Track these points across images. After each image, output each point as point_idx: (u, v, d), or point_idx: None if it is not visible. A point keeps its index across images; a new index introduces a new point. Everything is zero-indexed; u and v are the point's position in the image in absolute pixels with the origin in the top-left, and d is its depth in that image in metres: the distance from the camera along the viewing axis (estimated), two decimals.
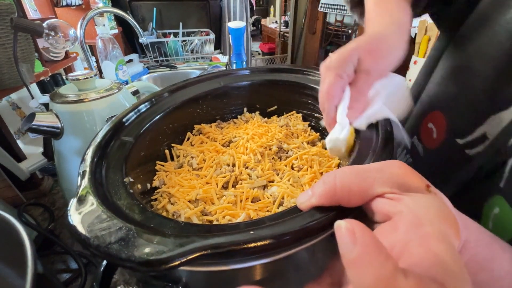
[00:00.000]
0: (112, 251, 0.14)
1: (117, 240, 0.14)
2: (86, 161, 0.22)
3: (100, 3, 1.24)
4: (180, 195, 0.26)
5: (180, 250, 0.14)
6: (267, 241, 0.14)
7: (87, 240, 0.14)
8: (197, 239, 0.14)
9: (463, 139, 0.27)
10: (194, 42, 1.21)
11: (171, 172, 0.30)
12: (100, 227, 0.15)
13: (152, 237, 0.15)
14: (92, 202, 0.17)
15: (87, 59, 0.75)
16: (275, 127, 0.37)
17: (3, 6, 0.49)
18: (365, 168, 0.15)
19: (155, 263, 0.13)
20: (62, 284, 0.41)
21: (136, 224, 0.16)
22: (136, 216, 0.17)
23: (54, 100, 0.42)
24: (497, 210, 0.23)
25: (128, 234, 0.15)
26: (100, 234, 0.14)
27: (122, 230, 0.15)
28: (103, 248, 0.14)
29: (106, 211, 0.16)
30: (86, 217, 0.16)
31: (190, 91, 0.37)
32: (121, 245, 0.14)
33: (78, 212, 0.16)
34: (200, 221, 0.23)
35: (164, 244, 0.14)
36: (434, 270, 0.11)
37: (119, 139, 0.26)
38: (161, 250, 0.14)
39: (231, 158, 0.31)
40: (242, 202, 0.26)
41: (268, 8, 4.21)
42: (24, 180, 0.53)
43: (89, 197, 0.18)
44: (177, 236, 0.15)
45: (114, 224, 0.15)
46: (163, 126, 0.33)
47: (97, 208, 0.17)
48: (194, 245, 0.14)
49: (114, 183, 0.21)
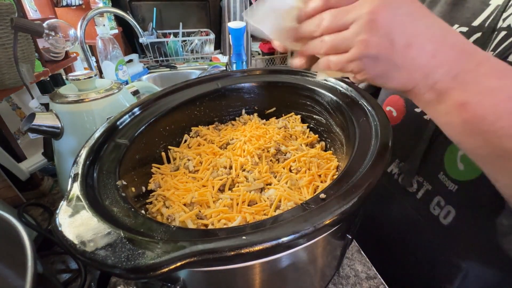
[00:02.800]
0: (98, 257, 0.13)
1: (104, 246, 0.14)
2: (79, 164, 0.21)
3: (100, 3, 1.24)
4: (175, 198, 0.26)
5: (168, 257, 0.13)
6: (258, 247, 0.14)
7: (73, 245, 0.14)
8: (186, 244, 0.14)
9: (420, 108, 0.34)
10: (194, 42, 1.20)
11: (167, 175, 0.30)
12: (87, 232, 0.14)
13: (141, 242, 0.14)
14: (82, 205, 0.17)
15: (87, 59, 0.75)
16: (273, 129, 0.37)
17: (3, 6, 0.49)
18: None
19: (143, 270, 0.13)
20: (62, 284, 0.41)
21: (125, 229, 0.15)
22: (126, 220, 0.17)
23: (54, 100, 0.42)
24: (462, 152, 0.28)
25: (116, 240, 0.14)
26: (87, 239, 0.14)
27: (111, 235, 0.15)
28: (89, 254, 0.13)
29: (95, 215, 0.16)
30: (74, 222, 0.15)
31: (187, 93, 0.37)
32: (107, 251, 0.13)
33: (67, 216, 0.16)
34: (195, 225, 0.23)
35: (152, 250, 0.14)
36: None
37: (114, 141, 0.26)
38: (150, 256, 0.13)
39: (228, 160, 0.31)
40: (239, 205, 0.25)
41: None
42: (24, 180, 0.53)
43: (79, 200, 0.17)
44: (166, 242, 0.15)
45: (103, 229, 0.15)
46: (160, 128, 0.33)
47: (86, 212, 0.16)
48: (183, 251, 0.14)
49: (107, 187, 0.20)
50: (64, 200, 0.17)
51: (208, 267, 0.15)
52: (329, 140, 0.36)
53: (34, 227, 0.45)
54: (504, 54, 0.25)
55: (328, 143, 0.36)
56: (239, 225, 0.19)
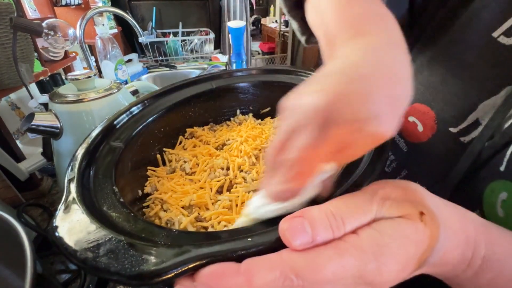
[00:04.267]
0: (100, 265, 0.13)
1: (106, 253, 0.13)
2: (74, 168, 0.21)
3: (100, 2, 1.24)
4: (173, 201, 0.25)
5: (174, 261, 0.13)
6: (266, 247, 0.14)
7: (74, 253, 0.14)
8: (191, 248, 0.14)
9: (456, 128, 0.26)
10: (194, 42, 1.20)
11: (163, 177, 0.29)
12: (88, 238, 0.14)
13: (144, 248, 0.14)
14: (80, 212, 0.16)
15: (86, 58, 0.75)
16: (269, 129, 0.37)
17: (3, 6, 0.49)
18: (365, 200, 0.15)
19: (148, 276, 0.12)
20: (61, 284, 0.42)
21: (126, 235, 0.15)
22: (126, 225, 0.17)
23: (54, 100, 0.42)
24: (505, 195, 0.21)
25: (118, 246, 0.14)
26: (87, 246, 0.14)
27: (112, 241, 0.14)
28: (90, 262, 0.13)
29: (94, 221, 0.16)
30: (73, 228, 0.15)
31: (181, 94, 0.36)
32: (110, 258, 0.13)
33: (65, 222, 0.16)
34: (194, 228, 0.23)
35: (156, 255, 0.13)
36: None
37: (108, 144, 0.26)
38: (154, 262, 0.13)
39: (225, 161, 0.31)
40: (238, 206, 0.25)
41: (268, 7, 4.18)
42: (23, 180, 0.53)
43: (76, 206, 0.17)
44: (170, 246, 0.14)
45: (103, 235, 0.15)
46: (154, 130, 0.32)
47: (85, 218, 0.16)
48: (188, 255, 0.13)
49: (103, 191, 0.20)
50: (61, 206, 0.17)
51: None
52: None
53: (34, 227, 0.45)
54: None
55: None
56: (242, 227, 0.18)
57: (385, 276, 0.13)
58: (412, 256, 0.14)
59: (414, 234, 0.14)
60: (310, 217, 0.14)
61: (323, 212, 0.14)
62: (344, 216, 0.14)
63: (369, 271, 0.13)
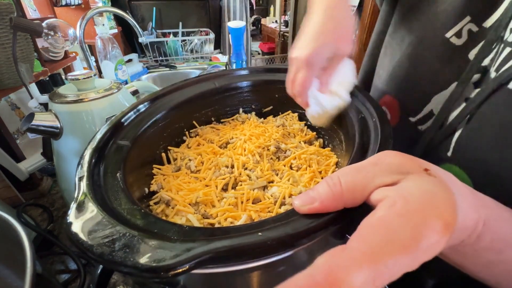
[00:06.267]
0: (117, 259, 0.13)
1: (122, 247, 0.14)
2: (84, 166, 0.21)
3: (100, 2, 1.23)
4: (180, 199, 0.25)
5: (188, 255, 0.13)
6: (277, 242, 0.14)
7: (90, 248, 0.14)
8: (203, 242, 0.14)
9: (414, 117, 0.31)
10: (194, 42, 1.20)
11: (169, 175, 0.30)
12: (102, 234, 0.15)
13: (158, 242, 0.14)
14: (92, 208, 0.17)
15: (86, 59, 0.75)
16: (271, 127, 0.37)
17: (3, 6, 0.49)
18: (363, 164, 0.16)
19: (163, 269, 0.13)
20: (61, 284, 0.41)
21: (139, 230, 0.15)
22: (138, 221, 0.17)
23: (53, 100, 0.42)
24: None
25: (132, 241, 0.14)
26: (103, 241, 0.14)
27: (126, 236, 0.15)
28: (107, 256, 0.13)
29: (107, 217, 0.16)
30: (87, 224, 0.15)
31: (185, 93, 0.37)
32: (126, 252, 0.14)
33: (79, 219, 0.16)
34: (201, 225, 0.23)
35: (170, 249, 0.14)
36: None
37: (115, 143, 0.26)
38: (168, 256, 0.13)
39: (229, 159, 0.31)
40: (243, 203, 0.26)
41: (268, 7, 4.20)
42: (23, 180, 0.53)
43: (88, 203, 0.17)
44: (183, 241, 0.15)
45: (117, 230, 0.15)
46: (159, 129, 0.33)
47: (97, 214, 0.16)
48: (201, 249, 0.14)
49: (113, 188, 0.20)
50: (73, 203, 0.17)
51: (224, 263, 0.15)
52: (327, 137, 0.36)
53: (33, 227, 0.44)
54: (505, 80, 0.21)
55: (326, 140, 0.37)
56: (249, 222, 0.19)
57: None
58: (450, 204, 0.13)
59: (436, 186, 0.13)
60: (314, 187, 0.16)
61: (323, 180, 0.16)
62: (340, 174, 0.15)
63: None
